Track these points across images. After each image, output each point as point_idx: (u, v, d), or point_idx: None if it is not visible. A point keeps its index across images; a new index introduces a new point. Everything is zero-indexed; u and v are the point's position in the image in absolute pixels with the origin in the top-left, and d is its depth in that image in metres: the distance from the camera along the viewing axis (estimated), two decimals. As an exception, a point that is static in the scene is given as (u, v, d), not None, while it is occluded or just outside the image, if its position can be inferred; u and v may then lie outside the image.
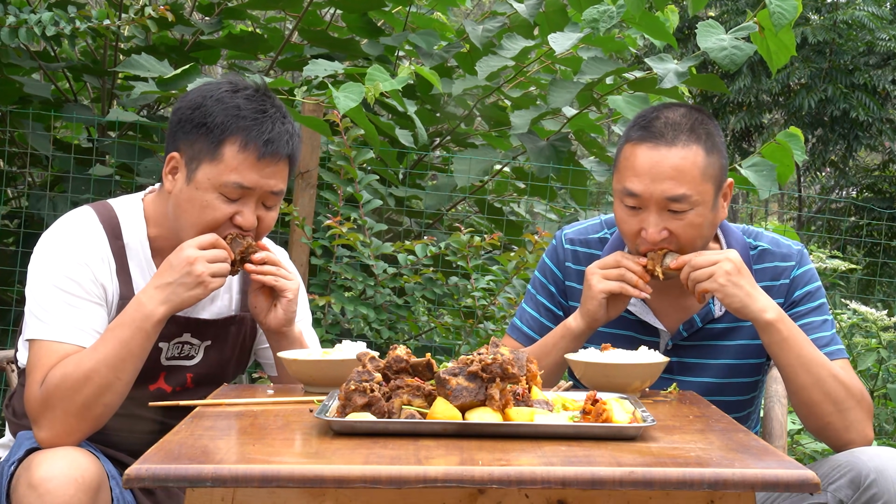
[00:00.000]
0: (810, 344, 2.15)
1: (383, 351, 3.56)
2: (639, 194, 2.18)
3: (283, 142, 2.13)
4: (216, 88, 2.15)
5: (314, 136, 3.89)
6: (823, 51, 13.68)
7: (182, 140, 2.13)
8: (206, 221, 2.10)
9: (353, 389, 1.69)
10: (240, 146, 2.09)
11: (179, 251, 2.04)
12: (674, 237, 2.19)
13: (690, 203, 2.17)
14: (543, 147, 4.26)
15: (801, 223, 13.49)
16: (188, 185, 2.11)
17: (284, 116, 2.16)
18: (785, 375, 2.16)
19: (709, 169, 2.19)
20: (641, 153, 2.19)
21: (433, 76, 3.94)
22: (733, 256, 2.14)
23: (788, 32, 3.63)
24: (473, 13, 9.01)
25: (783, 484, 1.44)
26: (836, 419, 2.13)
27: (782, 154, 3.86)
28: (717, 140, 2.23)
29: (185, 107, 2.15)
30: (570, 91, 4.10)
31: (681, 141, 2.18)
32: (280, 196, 2.17)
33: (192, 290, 2.03)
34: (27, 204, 4.46)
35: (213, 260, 2.05)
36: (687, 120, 2.21)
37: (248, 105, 2.12)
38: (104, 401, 1.99)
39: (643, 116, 2.25)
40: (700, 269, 2.13)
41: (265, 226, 2.17)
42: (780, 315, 2.13)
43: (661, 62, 3.95)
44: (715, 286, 2.12)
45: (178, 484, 1.45)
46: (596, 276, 2.21)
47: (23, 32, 3.69)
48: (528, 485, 1.44)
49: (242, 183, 2.09)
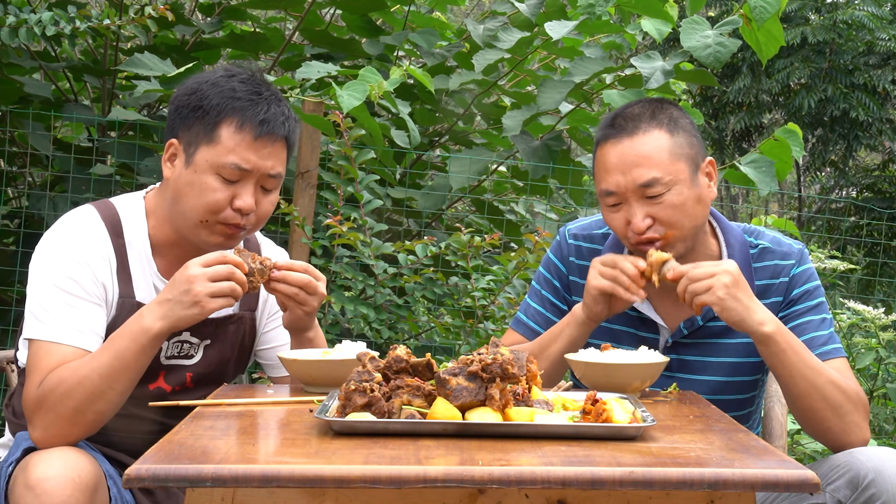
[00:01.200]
0: (807, 352, 2.14)
1: (383, 351, 3.56)
2: (614, 190, 2.22)
3: (279, 122, 2.14)
4: (212, 74, 2.19)
5: (314, 136, 3.89)
6: (823, 51, 13.68)
7: (180, 126, 2.15)
8: (206, 204, 2.10)
9: (353, 389, 1.69)
10: (236, 127, 2.10)
11: (184, 268, 1.99)
12: (659, 222, 2.21)
13: (664, 185, 2.19)
14: (537, 147, 4.26)
15: (801, 223, 13.47)
16: (187, 168, 2.12)
17: (279, 100, 2.18)
18: (783, 385, 2.16)
19: (676, 149, 2.22)
20: (608, 150, 2.24)
21: (425, 77, 3.93)
22: (731, 268, 2.11)
23: (776, 23, 3.62)
24: (473, 13, 9.01)
25: (783, 484, 1.45)
26: (834, 424, 2.13)
27: (781, 150, 3.86)
28: (682, 122, 2.26)
29: (182, 93, 2.17)
30: (559, 92, 4.09)
31: (641, 129, 2.22)
32: (279, 180, 2.17)
33: (188, 310, 1.96)
34: (27, 204, 4.47)
35: (215, 278, 1.97)
36: (646, 110, 2.26)
37: (244, 87, 2.14)
38: (96, 408, 1.97)
39: (607, 117, 2.30)
40: (698, 282, 2.11)
41: (264, 210, 2.16)
42: (778, 327, 2.11)
43: (647, 61, 3.94)
44: (713, 299, 2.09)
45: (178, 484, 1.45)
46: (593, 271, 2.22)
47: (23, 32, 3.69)
48: (528, 485, 1.44)
49: (240, 164, 2.10)
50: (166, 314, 1.98)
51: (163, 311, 1.98)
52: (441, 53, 4.69)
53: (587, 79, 4.08)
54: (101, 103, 4.54)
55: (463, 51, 4.79)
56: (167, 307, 1.98)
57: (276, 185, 2.18)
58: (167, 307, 1.98)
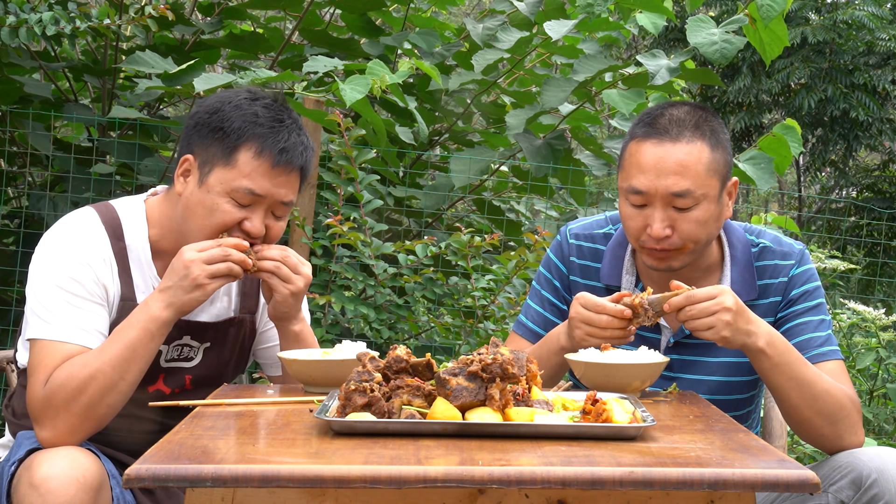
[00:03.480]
0: (803, 363, 2.12)
1: (383, 351, 3.56)
2: (644, 190, 2.19)
3: (298, 152, 2.14)
4: (235, 95, 2.17)
5: (315, 135, 3.88)
6: (823, 51, 13.69)
7: (197, 143, 2.14)
8: (214, 225, 2.11)
9: (353, 389, 1.69)
10: (255, 153, 2.10)
11: (179, 255, 2.05)
12: (677, 234, 2.19)
13: (695, 198, 2.17)
14: (540, 146, 4.26)
15: (802, 223, 13.48)
16: (199, 187, 2.12)
17: (300, 128, 2.18)
18: (777, 397, 2.15)
19: (713, 164, 2.19)
20: (646, 150, 2.20)
21: (433, 70, 3.93)
22: (730, 303, 2.04)
23: (780, 23, 3.62)
24: (473, 13, 9.01)
25: (783, 484, 1.44)
26: (828, 431, 2.13)
27: (779, 146, 3.86)
28: (722, 137, 2.24)
29: (203, 111, 2.16)
30: (563, 90, 4.09)
31: (685, 137, 2.19)
32: (289, 207, 2.18)
33: (190, 293, 2.03)
34: (27, 204, 4.46)
35: (211, 260, 2.03)
36: (691, 117, 2.22)
37: (266, 113, 2.14)
38: (108, 401, 1.99)
39: (648, 114, 2.26)
40: (698, 320, 2.05)
41: (273, 235, 2.17)
42: (771, 339, 2.08)
43: (653, 59, 3.94)
44: (717, 338, 2.05)
45: (178, 484, 1.45)
46: (580, 331, 2.12)
47: (23, 32, 3.69)
48: (528, 485, 1.44)
49: (254, 189, 2.10)
50: (171, 301, 2.02)
51: (167, 299, 2.02)
52: (440, 53, 4.69)
53: (590, 77, 4.08)
54: (101, 103, 4.53)
55: (462, 50, 4.79)
56: (170, 294, 2.02)
57: (286, 213, 2.18)
58: (170, 294, 2.02)
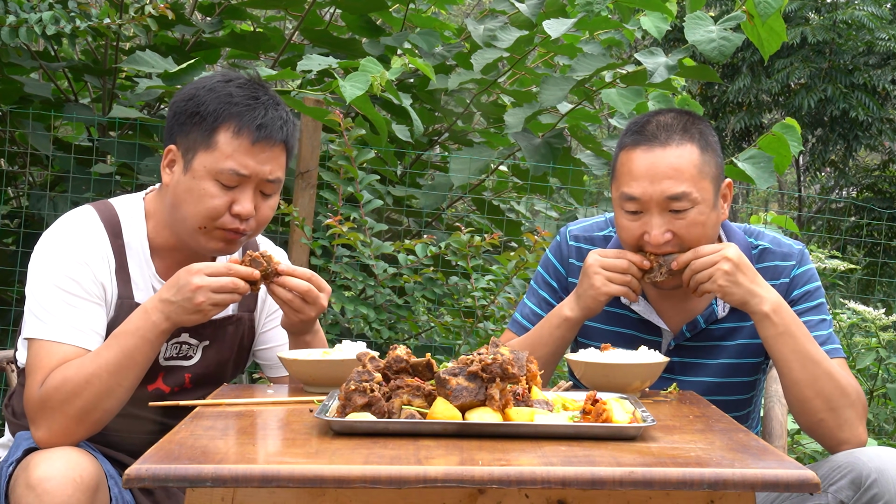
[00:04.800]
0: (809, 339, 2.15)
1: (383, 351, 3.56)
2: (638, 197, 2.19)
3: (277, 127, 2.13)
4: (209, 80, 2.18)
5: (314, 135, 3.89)
6: (823, 51, 13.69)
7: (178, 132, 2.15)
8: (205, 210, 2.10)
9: (353, 389, 1.69)
10: (233, 132, 2.10)
11: (189, 273, 2.00)
12: (677, 238, 2.19)
13: (691, 201, 2.18)
14: (539, 144, 4.25)
15: (801, 223, 13.48)
16: (185, 174, 2.12)
17: (277, 104, 2.17)
18: (780, 370, 2.16)
19: (705, 167, 2.20)
20: (637, 157, 2.21)
21: (427, 66, 3.92)
22: (732, 254, 2.14)
23: (778, 19, 3.62)
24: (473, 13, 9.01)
25: (783, 484, 1.44)
26: (827, 416, 2.13)
27: (779, 145, 3.86)
28: (711, 139, 2.25)
29: (180, 99, 2.17)
30: (562, 89, 4.09)
31: (674, 140, 2.20)
32: (278, 184, 2.16)
33: (190, 315, 2.00)
34: (27, 204, 4.47)
35: (219, 290, 2.00)
36: (678, 121, 2.24)
37: (241, 92, 2.14)
38: (104, 406, 1.98)
39: (635, 122, 2.27)
40: (700, 272, 2.15)
41: (263, 215, 2.16)
42: (778, 307, 2.13)
43: (651, 56, 3.93)
44: (714, 287, 2.14)
45: (178, 484, 1.45)
46: (600, 276, 2.21)
47: (23, 32, 3.69)
48: (528, 485, 1.44)
49: (238, 170, 2.09)
50: (169, 315, 2.00)
51: (166, 312, 2.00)
52: (441, 53, 4.69)
53: (589, 75, 4.07)
54: (102, 103, 4.53)
55: (463, 51, 4.79)
56: (171, 309, 2.00)
57: (275, 190, 2.17)
58: (171, 309, 2.00)
